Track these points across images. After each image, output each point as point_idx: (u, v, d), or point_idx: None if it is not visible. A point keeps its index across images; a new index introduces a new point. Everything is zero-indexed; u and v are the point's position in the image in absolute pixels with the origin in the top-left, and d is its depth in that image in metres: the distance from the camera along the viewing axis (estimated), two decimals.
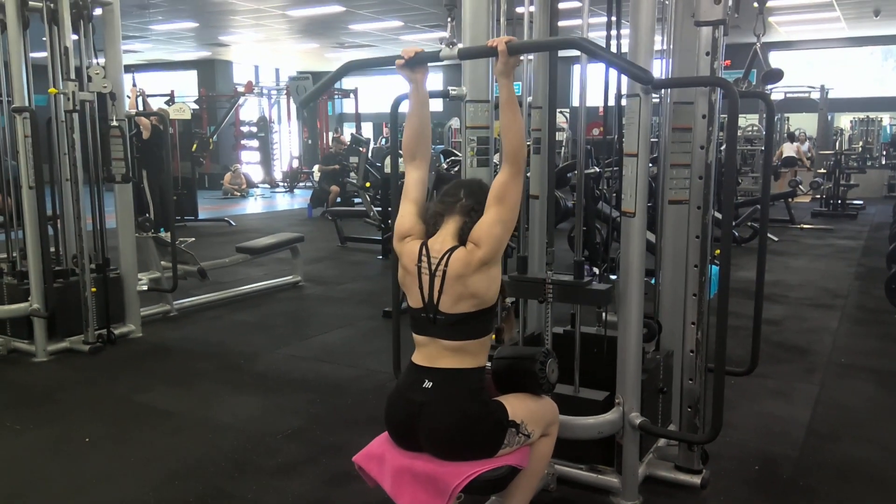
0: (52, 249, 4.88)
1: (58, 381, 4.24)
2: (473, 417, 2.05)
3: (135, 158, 7.12)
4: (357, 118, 18.28)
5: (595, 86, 2.99)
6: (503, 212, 2.08)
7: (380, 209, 8.75)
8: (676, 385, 2.94)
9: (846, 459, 3.14)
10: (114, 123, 4.81)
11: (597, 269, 2.95)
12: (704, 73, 2.58)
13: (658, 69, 2.78)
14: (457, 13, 2.71)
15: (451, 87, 2.95)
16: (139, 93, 11.07)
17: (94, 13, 4.76)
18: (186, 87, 20.51)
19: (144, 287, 5.40)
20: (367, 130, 21.19)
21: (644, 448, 2.81)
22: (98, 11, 4.83)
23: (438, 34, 15.58)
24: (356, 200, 13.08)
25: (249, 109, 19.76)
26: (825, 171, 12.86)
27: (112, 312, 4.88)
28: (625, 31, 2.70)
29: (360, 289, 6.72)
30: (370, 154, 15.22)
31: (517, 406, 2.15)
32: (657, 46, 2.62)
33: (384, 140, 18.96)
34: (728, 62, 3.03)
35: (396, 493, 2.07)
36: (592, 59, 2.34)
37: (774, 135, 14.20)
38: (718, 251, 2.55)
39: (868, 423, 3.53)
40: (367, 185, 11.48)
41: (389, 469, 2.10)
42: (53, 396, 4.00)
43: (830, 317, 5.54)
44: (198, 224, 11.43)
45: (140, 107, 10.95)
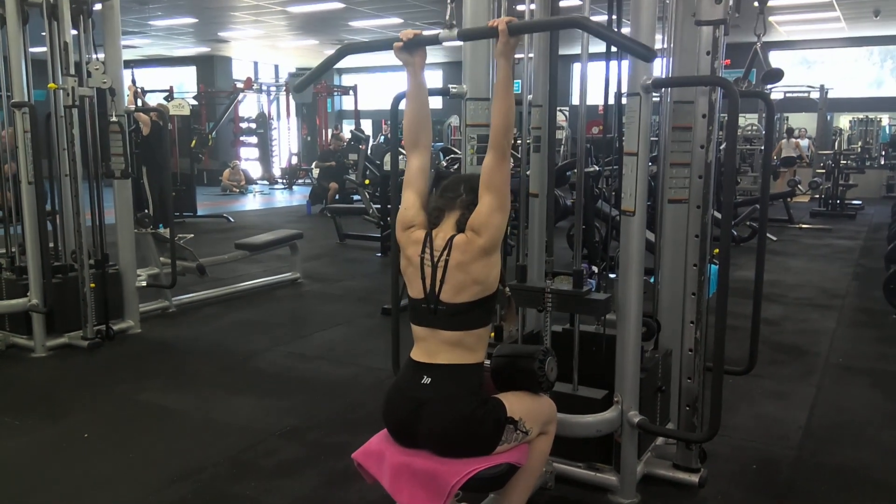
0: (51, 245, 4.88)
1: (56, 378, 4.24)
2: (472, 413, 2.05)
3: (134, 154, 7.12)
4: (356, 115, 18.27)
5: (595, 84, 2.98)
6: (496, 198, 2.08)
7: (379, 206, 8.75)
8: (675, 384, 2.94)
9: (843, 461, 3.15)
10: (113, 119, 4.81)
11: (596, 268, 2.95)
12: (705, 73, 2.58)
13: (658, 68, 2.78)
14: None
15: (452, 85, 2.95)
16: (136, 90, 11.07)
17: (94, 8, 4.75)
18: (185, 83, 20.50)
19: (143, 283, 5.40)
20: (367, 127, 21.18)
21: (642, 447, 2.81)
22: (98, 7, 4.82)
23: (438, 30, 15.56)
24: (355, 198, 13.07)
25: (248, 106, 19.74)
26: (824, 171, 12.87)
27: (111, 308, 4.87)
28: (625, 30, 2.69)
29: (359, 286, 6.72)
30: (369, 151, 15.23)
31: (516, 403, 2.15)
32: (658, 45, 2.62)
33: (383, 137, 18.95)
34: (728, 61, 3.03)
35: (395, 491, 2.07)
36: (595, 47, 2.32)
37: (774, 134, 14.22)
38: (717, 250, 2.55)
39: (865, 425, 3.54)
40: (367, 183, 11.47)
41: (388, 466, 2.10)
42: (52, 393, 4.00)
43: (828, 317, 5.54)
44: (197, 220, 11.42)
45: (139, 103, 10.95)
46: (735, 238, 8.53)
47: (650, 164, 2.94)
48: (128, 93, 7.17)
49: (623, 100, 2.69)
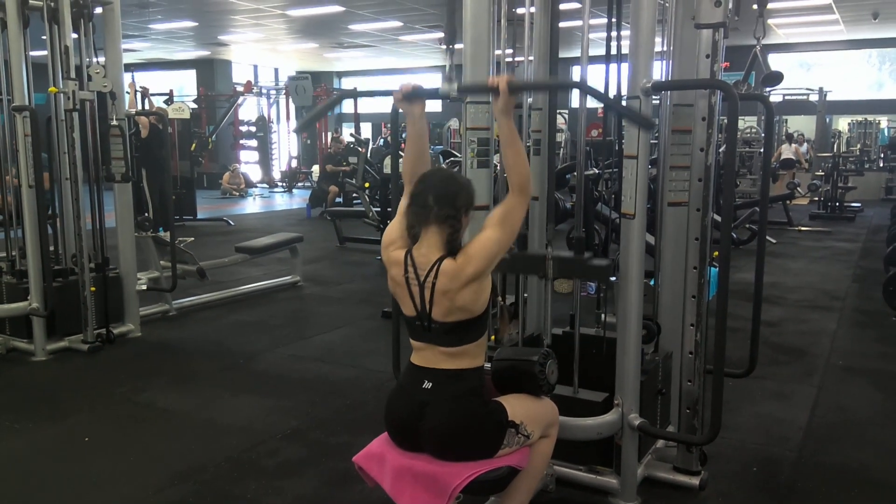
0: (52, 248, 4.88)
1: (57, 381, 4.24)
2: (473, 418, 2.06)
3: (134, 158, 7.12)
4: (356, 118, 18.28)
5: (595, 87, 2.99)
6: (502, 234, 2.06)
7: (379, 209, 8.75)
8: (675, 386, 2.94)
9: (844, 462, 3.15)
10: (114, 123, 4.82)
11: None
12: (704, 76, 2.59)
13: (658, 71, 2.79)
14: (455, 41, 2.69)
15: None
16: (140, 90, 11.05)
17: (95, 12, 4.77)
18: (185, 87, 20.51)
19: (143, 286, 5.40)
20: (367, 131, 21.19)
21: (643, 449, 2.81)
22: (98, 10, 4.84)
23: (438, 34, 15.59)
24: (355, 201, 13.08)
25: (248, 109, 19.75)
26: (823, 174, 12.88)
27: (111, 312, 4.88)
28: (625, 33, 2.71)
29: (359, 289, 6.73)
30: (369, 154, 15.23)
31: (517, 407, 2.15)
32: (657, 48, 2.63)
33: (383, 140, 18.96)
34: (727, 64, 3.04)
35: (396, 494, 2.08)
36: (594, 62, 2.32)
37: (773, 137, 14.23)
38: (717, 253, 2.56)
39: (866, 426, 3.54)
40: (367, 186, 11.48)
41: (389, 469, 2.10)
42: (53, 396, 4.00)
43: (829, 319, 5.55)
44: (197, 224, 11.42)
45: (142, 105, 10.94)
46: (735, 240, 8.54)
47: (650, 167, 2.95)
48: (128, 91, 7.16)
49: (623, 103, 2.70)
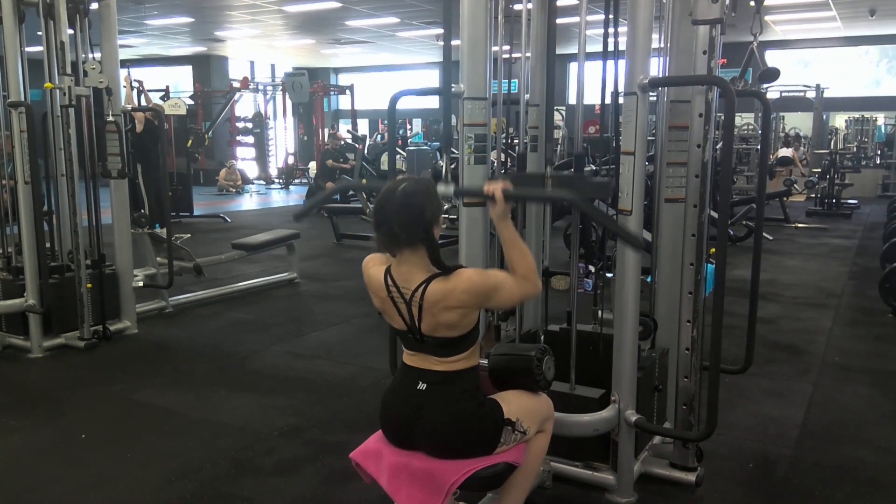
0: (48, 245, 4.87)
1: (54, 378, 4.24)
2: (469, 418, 2.06)
3: (130, 154, 7.10)
4: (353, 114, 18.26)
5: (592, 83, 2.99)
6: (495, 299, 2.03)
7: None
8: (672, 383, 2.95)
9: (840, 459, 3.16)
10: (110, 119, 4.80)
11: (592, 267, 2.96)
12: (701, 72, 2.59)
13: (655, 67, 2.79)
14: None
15: (450, 85, 2.94)
16: (136, 85, 11.00)
17: (91, 8, 4.75)
18: (182, 83, 20.46)
19: (140, 283, 5.39)
20: (364, 127, 21.17)
21: (639, 445, 2.82)
22: (94, 6, 4.82)
23: (434, 30, 15.58)
24: (352, 197, 13.07)
25: (245, 105, 19.71)
26: (820, 171, 12.90)
27: (107, 309, 4.87)
28: (622, 30, 2.70)
29: (356, 286, 6.72)
30: (366, 151, 15.21)
31: (513, 404, 2.15)
32: (654, 45, 2.63)
33: (380, 137, 18.94)
34: (724, 61, 3.04)
35: (393, 490, 2.08)
36: (590, 59, 2.32)
37: (770, 134, 14.24)
38: (714, 249, 2.56)
39: (862, 423, 3.55)
40: (363, 182, 11.47)
41: (386, 466, 2.10)
42: (50, 393, 3.99)
43: (825, 316, 5.56)
44: (193, 220, 11.40)
45: (139, 101, 10.89)
46: (731, 237, 8.55)
47: (647, 164, 2.95)
48: (124, 85, 7.14)
49: (620, 99, 2.70)
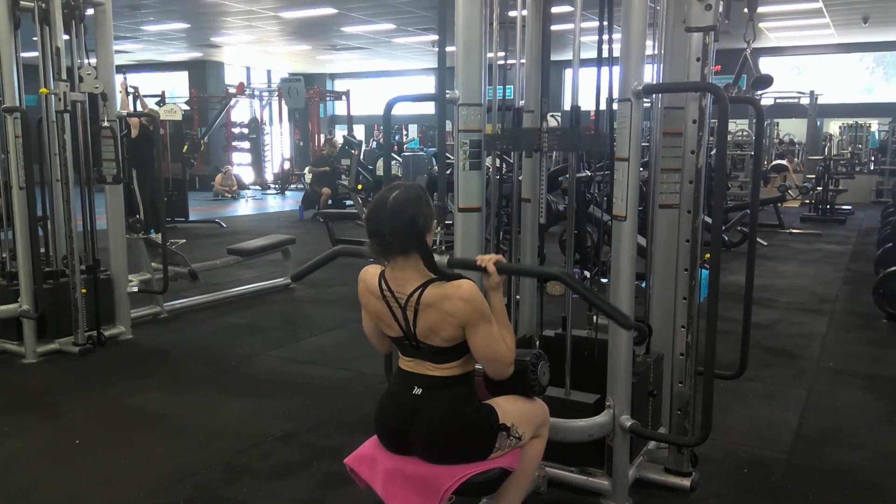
0: (42, 250, 4.86)
1: (48, 383, 4.22)
2: (465, 423, 2.06)
3: (125, 159, 7.10)
4: (349, 120, 18.27)
5: (587, 90, 3.00)
6: (479, 332, 2.01)
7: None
8: (666, 388, 2.95)
9: (835, 463, 3.16)
10: (105, 124, 4.80)
11: (588, 273, 2.96)
12: (695, 79, 2.60)
13: (649, 74, 2.80)
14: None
15: (445, 91, 2.95)
16: (131, 90, 11.01)
17: (86, 13, 4.75)
18: (177, 88, 20.45)
19: (135, 288, 5.38)
20: (360, 132, 21.17)
21: (634, 450, 2.82)
22: (90, 12, 4.82)
23: (430, 37, 15.60)
24: (348, 203, 13.07)
25: (241, 111, 19.70)
26: (814, 177, 12.94)
27: (102, 314, 4.86)
28: (616, 36, 2.71)
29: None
30: (362, 156, 15.22)
31: (508, 409, 2.15)
32: (648, 51, 2.64)
33: (375, 143, 18.95)
34: (718, 67, 3.05)
35: (388, 496, 2.08)
36: (586, 64, 2.33)
37: (764, 140, 14.28)
38: (708, 255, 2.57)
39: (857, 427, 3.56)
40: (359, 188, 11.47)
41: (381, 471, 2.10)
42: (44, 399, 3.98)
43: (819, 321, 5.58)
44: (188, 225, 11.39)
45: (133, 106, 10.89)
46: (726, 243, 8.57)
47: (641, 170, 2.96)
48: (119, 90, 7.13)
49: (614, 105, 2.71)
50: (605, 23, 2.97)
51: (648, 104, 2.98)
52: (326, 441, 3.37)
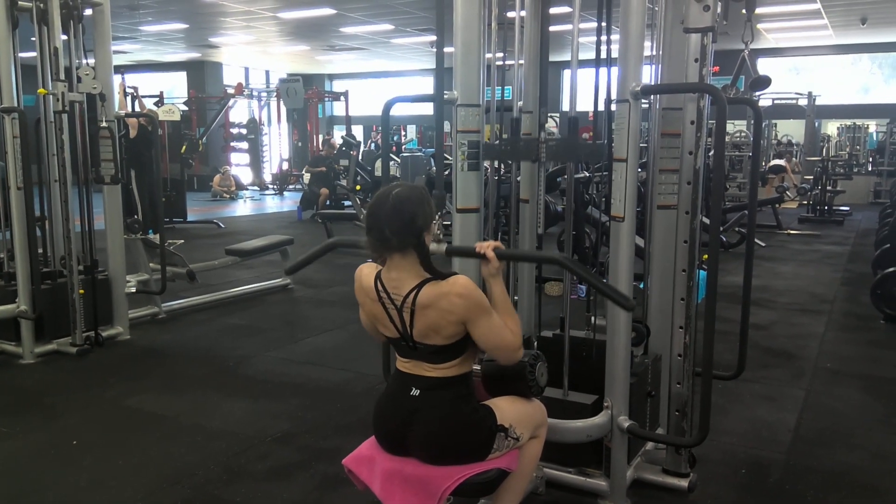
0: (40, 251, 4.85)
1: (46, 384, 4.22)
2: (463, 424, 2.06)
3: (123, 160, 7.10)
4: (347, 120, 18.27)
5: (585, 91, 3.00)
6: (480, 324, 2.01)
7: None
8: (664, 389, 2.95)
9: (833, 464, 3.17)
10: (103, 124, 4.80)
11: None
12: (693, 80, 2.60)
13: (647, 75, 2.80)
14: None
15: (443, 92, 2.95)
16: (130, 91, 11.00)
17: (84, 13, 4.75)
18: (176, 89, 20.44)
19: (133, 289, 5.37)
20: (358, 133, 21.16)
21: (632, 451, 2.82)
22: (88, 12, 4.82)
23: (428, 38, 15.60)
24: (346, 203, 13.07)
25: (239, 111, 19.69)
26: (812, 178, 12.95)
27: (100, 314, 4.85)
28: (615, 37, 2.72)
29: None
30: (360, 157, 15.22)
31: (506, 410, 2.16)
32: (647, 52, 2.64)
33: (374, 144, 18.95)
34: (717, 68, 3.06)
35: (386, 496, 2.07)
36: (584, 65, 2.33)
37: (762, 141, 14.30)
38: (706, 256, 2.57)
39: (855, 429, 3.56)
40: (357, 188, 11.47)
41: (379, 472, 2.10)
42: (41, 398, 3.97)
43: (817, 322, 5.58)
44: (187, 226, 11.38)
45: (132, 107, 10.89)
46: (724, 244, 8.58)
47: (640, 170, 2.96)
48: (117, 91, 7.13)
49: (613, 106, 2.71)
50: (604, 24, 2.97)
51: (647, 105, 2.99)
52: (324, 442, 3.37)
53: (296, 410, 3.77)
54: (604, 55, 2.94)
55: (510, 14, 3.07)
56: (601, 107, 3.06)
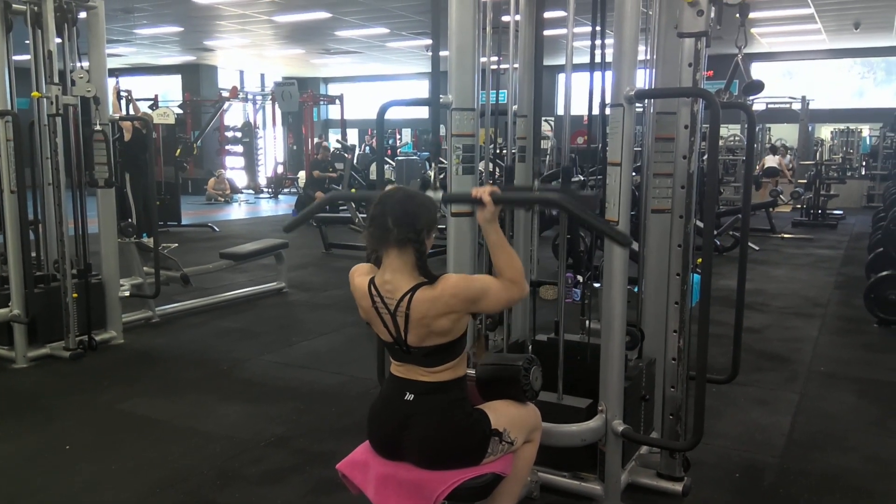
0: (33, 254, 4.84)
1: (39, 387, 4.20)
2: (457, 429, 2.06)
3: (117, 163, 7.08)
4: (342, 124, 18.27)
5: (580, 94, 3.01)
6: (483, 303, 2.04)
7: (365, 215, 8.71)
8: (659, 393, 2.96)
9: (827, 467, 3.17)
10: (97, 128, 4.78)
11: (580, 277, 2.97)
12: (687, 84, 2.61)
13: (641, 79, 2.81)
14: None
15: (438, 96, 2.96)
16: (124, 94, 10.98)
17: (79, 16, 4.74)
18: (170, 92, 20.42)
19: (126, 293, 5.35)
20: (353, 136, 21.16)
21: (627, 455, 2.82)
22: (82, 15, 4.81)
23: (424, 41, 15.62)
24: (341, 207, 13.06)
25: (234, 115, 19.68)
26: (806, 182, 13.01)
27: (93, 318, 4.83)
28: (609, 41, 2.73)
29: (345, 295, 6.68)
30: (355, 161, 15.21)
31: (500, 414, 2.15)
32: (641, 57, 2.65)
33: (368, 148, 18.96)
34: (710, 73, 3.07)
35: (380, 501, 2.07)
36: (578, 70, 2.34)
37: (756, 145, 14.35)
38: (700, 260, 2.58)
39: (848, 431, 3.57)
40: (353, 192, 11.47)
41: (373, 476, 2.10)
42: (34, 402, 3.96)
43: (811, 325, 5.60)
44: (181, 229, 11.35)
45: (126, 110, 10.87)
46: (718, 247, 8.60)
47: (634, 175, 2.97)
48: (112, 94, 7.11)
49: (607, 110, 2.72)
50: (598, 28, 2.98)
51: (641, 109, 3.00)
52: (319, 446, 3.36)
53: (290, 414, 3.77)
54: (598, 59, 2.95)
55: (505, 18, 3.08)
56: (596, 110, 3.08)
